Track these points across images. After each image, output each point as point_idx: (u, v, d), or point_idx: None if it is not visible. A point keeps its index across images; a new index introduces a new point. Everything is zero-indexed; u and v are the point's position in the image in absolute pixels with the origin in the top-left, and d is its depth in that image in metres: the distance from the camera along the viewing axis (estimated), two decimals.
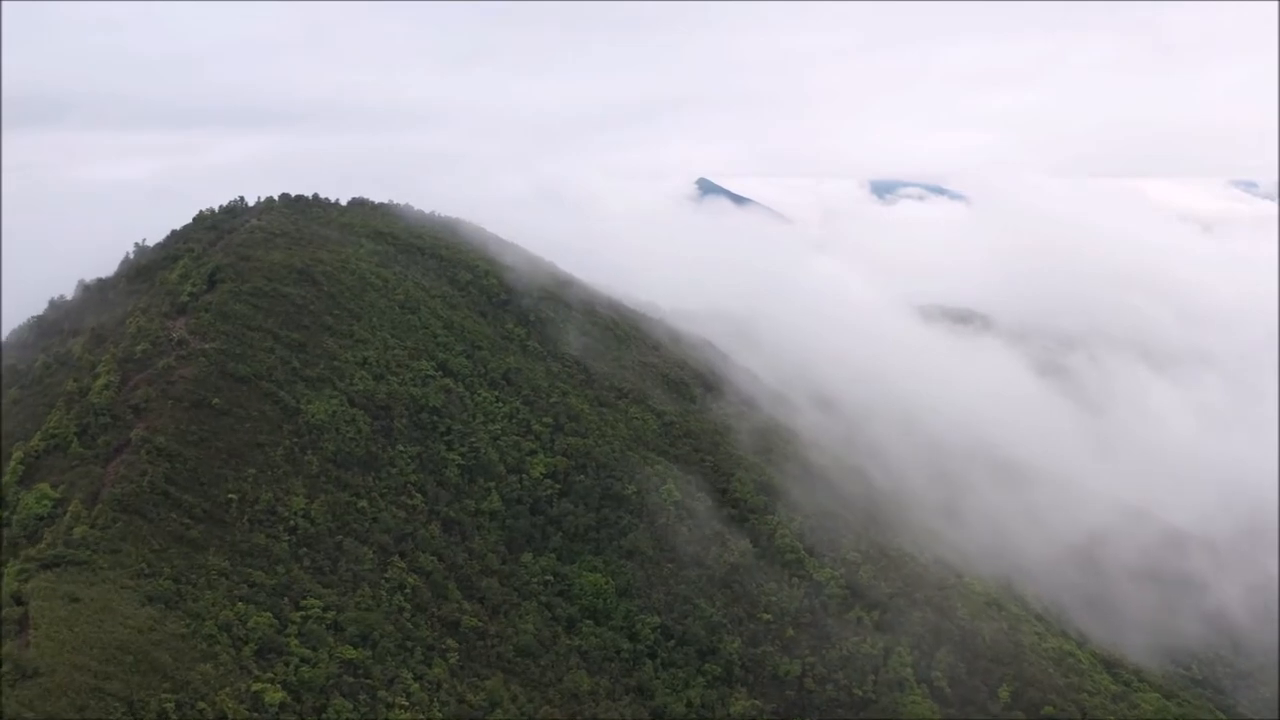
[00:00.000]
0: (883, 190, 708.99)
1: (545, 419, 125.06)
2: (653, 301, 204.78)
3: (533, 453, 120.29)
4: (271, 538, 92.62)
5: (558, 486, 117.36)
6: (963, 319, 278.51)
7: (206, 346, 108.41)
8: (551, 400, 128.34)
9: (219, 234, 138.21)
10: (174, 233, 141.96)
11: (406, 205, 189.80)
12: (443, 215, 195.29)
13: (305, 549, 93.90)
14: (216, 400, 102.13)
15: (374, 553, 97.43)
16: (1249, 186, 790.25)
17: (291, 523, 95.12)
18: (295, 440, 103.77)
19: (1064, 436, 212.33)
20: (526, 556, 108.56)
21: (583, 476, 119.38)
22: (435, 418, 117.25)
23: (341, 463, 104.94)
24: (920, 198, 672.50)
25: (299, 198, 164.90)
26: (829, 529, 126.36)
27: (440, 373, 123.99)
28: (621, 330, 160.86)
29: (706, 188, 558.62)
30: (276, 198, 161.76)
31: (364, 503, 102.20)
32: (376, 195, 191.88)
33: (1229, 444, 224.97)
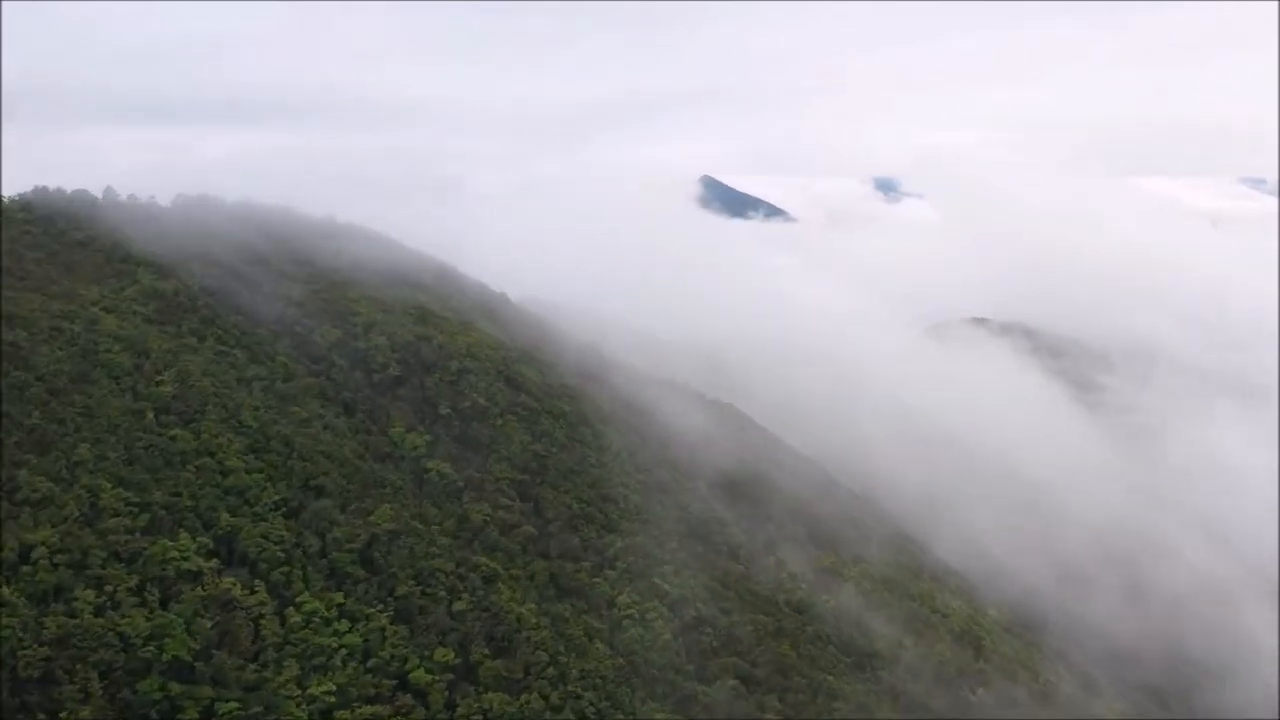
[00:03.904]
0: (886, 188, 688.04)
1: (443, 651, 59.79)
2: (652, 332, 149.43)
3: None
4: None
5: None
6: (980, 328, 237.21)
7: None
8: (457, 605, 62.79)
9: None
10: None
11: (280, 207, 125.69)
12: (343, 222, 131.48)
13: None
14: None
15: None
16: (1256, 184, 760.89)
17: None
18: None
19: (1125, 474, 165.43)
20: None
21: None
22: (179, 686, 52.16)
23: None
24: (923, 195, 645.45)
25: (78, 194, 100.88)
26: None
27: (215, 561, 58.81)
28: (621, 419, 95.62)
29: (711, 186, 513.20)
30: (30, 191, 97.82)
31: None
32: (364, 196, 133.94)
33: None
